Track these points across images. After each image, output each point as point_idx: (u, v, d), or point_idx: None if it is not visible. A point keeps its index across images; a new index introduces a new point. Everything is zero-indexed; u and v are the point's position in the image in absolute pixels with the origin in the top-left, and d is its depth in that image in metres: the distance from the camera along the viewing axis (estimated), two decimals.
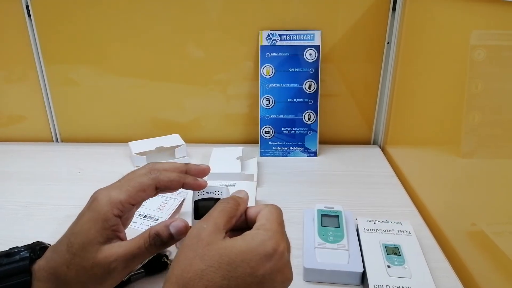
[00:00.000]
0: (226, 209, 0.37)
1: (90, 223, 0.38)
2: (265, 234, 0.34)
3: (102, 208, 0.39)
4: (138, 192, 0.40)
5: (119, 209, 0.39)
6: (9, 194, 0.72)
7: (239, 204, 0.38)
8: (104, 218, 0.38)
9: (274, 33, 0.81)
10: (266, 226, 0.35)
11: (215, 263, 0.32)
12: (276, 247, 0.33)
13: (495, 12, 0.47)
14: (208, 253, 0.33)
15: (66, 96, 0.90)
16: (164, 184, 0.42)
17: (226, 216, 0.36)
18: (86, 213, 0.39)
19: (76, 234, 0.39)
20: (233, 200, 0.39)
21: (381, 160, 0.84)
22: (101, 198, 0.39)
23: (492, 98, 0.48)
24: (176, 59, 0.85)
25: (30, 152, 0.89)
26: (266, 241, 0.33)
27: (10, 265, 0.39)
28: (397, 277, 0.47)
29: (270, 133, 0.84)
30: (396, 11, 0.78)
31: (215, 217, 0.36)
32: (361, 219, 0.58)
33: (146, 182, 0.41)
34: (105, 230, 0.38)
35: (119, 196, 0.39)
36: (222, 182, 0.66)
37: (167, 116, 0.91)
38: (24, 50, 0.85)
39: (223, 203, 0.38)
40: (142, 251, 0.38)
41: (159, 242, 0.39)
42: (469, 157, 0.53)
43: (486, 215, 0.49)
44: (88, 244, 0.38)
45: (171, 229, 0.39)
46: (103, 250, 0.38)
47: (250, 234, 0.34)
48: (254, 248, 0.33)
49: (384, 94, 0.86)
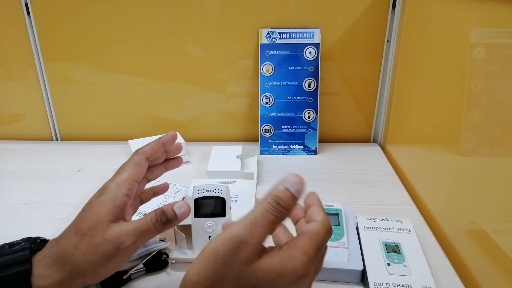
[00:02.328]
0: (276, 222, 0.34)
1: (102, 204, 0.41)
2: (301, 258, 0.33)
3: (111, 190, 0.43)
4: (135, 167, 0.45)
5: (126, 187, 0.43)
6: (9, 193, 0.72)
7: (288, 212, 0.35)
8: (114, 197, 0.42)
9: (274, 31, 0.80)
10: (306, 248, 0.33)
11: (248, 286, 0.31)
12: (305, 272, 0.33)
13: (495, 10, 0.47)
14: (245, 274, 0.32)
15: (65, 94, 0.90)
16: (149, 151, 0.48)
17: (272, 229, 0.34)
18: (97, 198, 0.42)
19: (84, 218, 0.41)
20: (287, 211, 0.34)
21: (380, 158, 0.84)
22: (109, 184, 0.44)
23: (492, 97, 0.48)
24: (176, 57, 0.85)
25: (30, 150, 0.89)
26: (300, 266, 0.33)
27: (11, 255, 0.40)
28: (397, 275, 0.47)
29: (270, 131, 0.84)
30: (396, 9, 0.78)
31: (262, 231, 0.33)
32: (361, 217, 0.58)
33: (137, 157, 0.47)
34: (115, 208, 0.41)
35: (123, 176, 0.44)
36: (222, 180, 0.66)
37: (167, 114, 0.91)
38: (23, 48, 0.85)
39: (274, 212, 0.34)
40: (150, 227, 0.41)
41: (165, 219, 0.41)
42: (469, 155, 0.53)
43: (485, 213, 0.49)
44: (98, 222, 0.40)
45: (175, 208, 0.42)
46: (112, 227, 0.40)
47: (288, 254, 0.33)
48: (288, 272, 0.32)
49: (384, 92, 0.86)
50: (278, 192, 0.34)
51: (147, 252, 0.53)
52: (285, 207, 0.34)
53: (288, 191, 0.34)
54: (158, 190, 0.53)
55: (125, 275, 0.49)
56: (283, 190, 0.34)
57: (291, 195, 0.34)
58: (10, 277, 0.39)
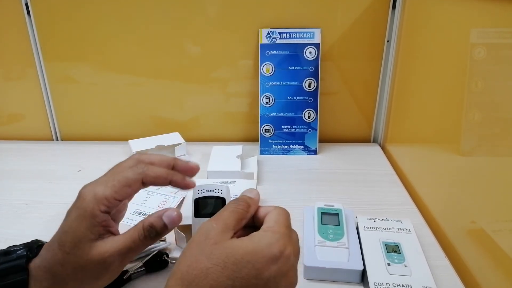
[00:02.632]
0: (237, 210, 0.37)
1: (78, 221, 0.38)
2: (272, 237, 0.34)
3: (88, 205, 0.38)
4: (123, 187, 0.40)
5: (105, 205, 0.38)
6: (9, 193, 0.72)
7: (249, 206, 0.38)
8: (91, 215, 0.38)
9: (274, 31, 0.80)
10: (274, 228, 0.35)
11: (221, 263, 0.32)
12: (282, 250, 0.33)
13: (495, 10, 0.47)
14: (215, 251, 0.33)
15: (66, 94, 0.90)
16: (150, 180, 0.41)
17: (236, 217, 0.36)
18: (73, 210, 0.39)
19: (66, 232, 0.38)
20: (244, 202, 0.38)
21: (381, 158, 0.84)
22: (86, 195, 0.39)
23: (492, 96, 0.48)
24: (176, 57, 0.85)
25: (30, 150, 0.89)
26: (273, 244, 0.33)
27: (7, 263, 0.39)
28: (397, 275, 0.47)
29: (270, 131, 0.84)
30: (396, 9, 0.78)
31: (225, 218, 0.36)
32: (361, 217, 0.58)
33: (132, 177, 0.40)
34: (94, 227, 0.38)
35: (104, 192, 0.39)
36: (222, 180, 0.67)
37: (167, 114, 0.91)
38: (23, 48, 0.85)
39: (234, 203, 0.38)
40: (137, 244, 0.39)
41: (154, 233, 0.39)
42: (469, 155, 0.53)
43: (485, 213, 0.49)
44: (79, 242, 0.37)
45: (164, 219, 0.39)
46: (96, 246, 0.37)
47: (257, 235, 0.34)
48: (261, 250, 0.33)
49: (384, 92, 0.86)
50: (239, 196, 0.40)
51: (147, 252, 0.53)
52: (243, 200, 0.38)
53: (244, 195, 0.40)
54: None
55: (125, 275, 0.49)
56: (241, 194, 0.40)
57: (247, 196, 0.39)
58: (7, 286, 0.37)
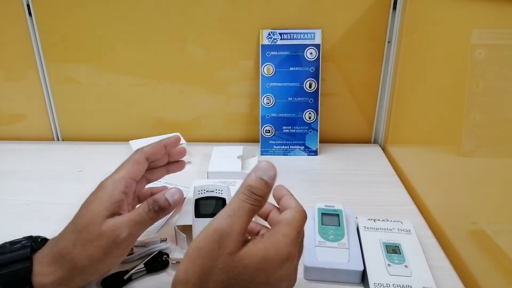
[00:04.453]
0: (252, 209, 0.35)
1: (97, 201, 0.42)
2: (283, 242, 0.34)
3: (108, 187, 0.43)
4: (133, 166, 0.46)
5: (123, 185, 0.43)
6: (10, 193, 0.72)
7: (265, 196, 0.35)
8: (110, 194, 0.42)
9: (275, 32, 0.81)
10: (287, 231, 0.35)
11: (237, 275, 0.32)
12: (289, 255, 0.34)
13: (496, 11, 0.47)
14: (231, 263, 0.32)
15: (67, 95, 0.90)
16: (150, 152, 0.48)
17: (250, 217, 0.35)
18: (94, 195, 0.43)
19: (81, 215, 0.42)
20: (260, 194, 0.35)
21: (381, 159, 0.84)
22: (106, 182, 0.44)
23: (493, 98, 0.48)
24: (177, 58, 0.85)
25: (31, 151, 0.89)
26: (283, 249, 0.34)
27: (12, 253, 0.41)
28: (397, 275, 0.47)
29: (270, 132, 0.84)
30: (397, 10, 0.78)
31: (240, 221, 0.34)
32: (362, 217, 0.58)
33: (136, 156, 0.47)
34: (111, 204, 0.42)
35: (120, 174, 0.44)
36: (223, 181, 0.67)
37: (168, 115, 0.91)
38: (25, 48, 0.85)
39: (248, 199, 0.34)
40: (143, 217, 0.42)
41: (157, 207, 0.42)
42: (470, 156, 0.53)
43: (486, 214, 0.49)
44: (93, 218, 0.41)
45: (166, 195, 0.43)
46: (107, 221, 0.41)
47: (270, 239, 0.34)
48: (272, 256, 0.33)
49: (385, 93, 0.86)
50: (251, 181, 0.35)
51: (148, 252, 0.53)
52: (259, 194, 0.35)
53: (260, 179, 0.35)
54: (156, 191, 0.53)
55: (126, 275, 0.49)
56: (256, 179, 0.35)
57: (264, 182, 0.35)
58: (10, 274, 0.39)
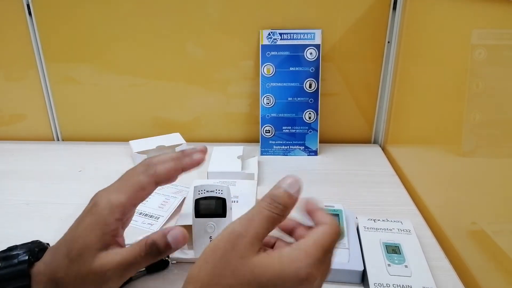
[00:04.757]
0: (272, 216, 0.33)
1: (90, 228, 0.37)
2: (304, 261, 0.31)
3: (103, 212, 0.37)
4: (138, 192, 0.39)
5: (120, 212, 0.38)
6: (11, 193, 0.72)
7: (287, 209, 0.34)
8: (105, 222, 0.37)
9: (275, 32, 0.81)
10: (310, 250, 0.32)
11: (245, 282, 0.30)
12: (309, 276, 0.31)
13: (496, 11, 0.47)
14: (241, 268, 0.31)
15: (67, 94, 0.90)
16: (163, 177, 0.40)
17: (269, 225, 0.33)
18: (87, 217, 0.38)
19: (75, 239, 0.38)
20: (283, 204, 0.34)
21: (381, 159, 0.84)
22: (101, 202, 0.38)
23: (493, 98, 0.48)
24: (177, 57, 0.85)
25: (31, 151, 0.89)
26: (302, 268, 0.31)
27: (9, 268, 0.38)
28: (397, 275, 0.48)
29: (270, 132, 0.84)
30: (397, 10, 0.78)
31: (257, 226, 0.33)
32: (362, 218, 0.58)
33: (145, 180, 0.39)
34: (104, 235, 0.37)
35: (119, 199, 0.38)
36: (223, 181, 0.67)
37: (167, 115, 0.91)
38: (25, 48, 0.86)
39: (269, 205, 0.34)
40: (138, 260, 0.37)
41: (156, 251, 0.37)
42: (470, 156, 0.53)
43: (486, 214, 0.49)
44: (86, 250, 0.37)
45: (168, 238, 0.38)
46: (99, 257, 0.37)
47: (288, 254, 0.32)
48: (288, 274, 0.31)
49: (385, 93, 0.86)
50: (274, 191, 0.35)
51: None
52: (281, 202, 0.34)
53: (284, 190, 0.35)
54: None
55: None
56: (279, 189, 0.35)
57: (288, 193, 0.35)
58: None
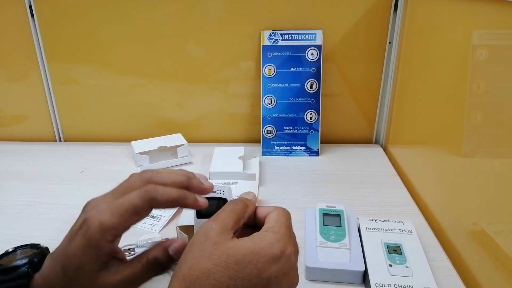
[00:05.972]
0: (235, 210, 0.37)
1: (82, 250, 0.36)
2: (273, 237, 0.34)
3: (93, 235, 0.36)
4: (131, 216, 0.37)
5: (112, 234, 0.36)
6: (13, 193, 0.72)
7: (247, 206, 0.39)
8: (97, 245, 0.36)
9: (276, 33, 0.81)
10: (275, 228, 0.36)
11: (222, 263, 0.32)
12: (283, 250, 0.34)
13: (497, 12, 0.47)
14: (216, 252, 0.33)
15: (68, 95, 0.90)
16: (160, 206, 0.38)
17: (234, 217, 0.37)
18: (78, 236, 0.36)
19: (70, 257, 0.36)
20: (242, 202, 0.39)
21: (382, 159, 0.84)
22: (92, 223, 0.36)
23: (494, 98, 0.48)
24: (178, 58, 0.85)
25: (33, 151, 0.89)
26: (274, 244, 0.34)
27: (8, 283, 0.37)
28: (398, 276, 0.48)
29: (272, 132, 0.85)
30: (398, 11, 0.78)
31: (224, 218, 0.36)
32: (363, 218, 0.58)
33: (140, 205, 0.37)
34: (99, 257, 0.36)
35: (111, 222, 0.36)
36: (224, 181, 0.67)
37: (169, 115, 0.91)
38: (27, 49, 0.86)
39: (232, 204, 0.38)
40: (139, 277, 0.37)
41: (159, 266, 0.38)
42: (471, 157, 0.53)
43: (487, 214, 0.49)
44: (83, 270, 0.36)
45: (170, 252, 0.38)
46: (100, 276, 0.36)
47: (258, 235, 0.35)
48: (262, 249, 0.33)
49: (386, 93, 0.86)
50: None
51: None
52: (241, 200, 0.39)
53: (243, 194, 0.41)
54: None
55: None
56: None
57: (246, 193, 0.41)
58: None
